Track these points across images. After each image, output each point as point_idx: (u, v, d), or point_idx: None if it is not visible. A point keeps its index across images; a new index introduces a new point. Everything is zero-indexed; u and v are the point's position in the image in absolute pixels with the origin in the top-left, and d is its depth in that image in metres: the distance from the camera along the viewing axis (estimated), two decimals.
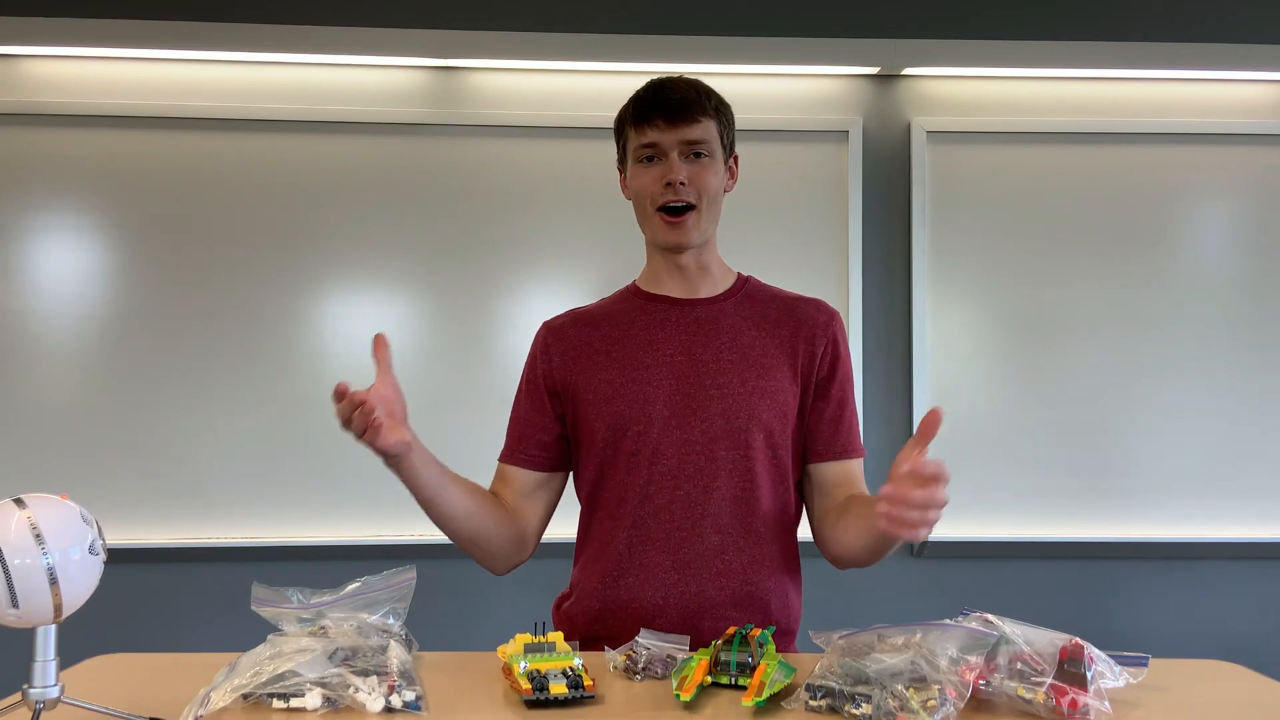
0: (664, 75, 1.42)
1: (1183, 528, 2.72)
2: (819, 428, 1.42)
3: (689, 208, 1.37)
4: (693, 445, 1.37)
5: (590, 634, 1.40)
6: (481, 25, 2.65)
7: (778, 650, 1.17)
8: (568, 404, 1.44)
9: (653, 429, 1.37)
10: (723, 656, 1.08)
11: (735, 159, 1.47)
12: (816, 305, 1.47)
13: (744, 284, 1.48)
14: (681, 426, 1.37)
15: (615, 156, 1.49)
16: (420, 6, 2.66)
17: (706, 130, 1.37)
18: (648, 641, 1.17)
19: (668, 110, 1.35)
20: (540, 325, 1.51)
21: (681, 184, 1.35)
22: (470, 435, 2.26)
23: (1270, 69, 2.72)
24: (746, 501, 1.37)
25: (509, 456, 1.47)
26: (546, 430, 1.46)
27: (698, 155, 1.37)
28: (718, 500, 1.36)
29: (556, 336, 1.47)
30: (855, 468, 1.44)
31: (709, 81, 1.44)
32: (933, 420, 1.07)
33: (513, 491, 1.45)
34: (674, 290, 1.45)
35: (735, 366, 1.39)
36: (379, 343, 1.24)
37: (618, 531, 1.39)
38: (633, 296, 1.48)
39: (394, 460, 1.22)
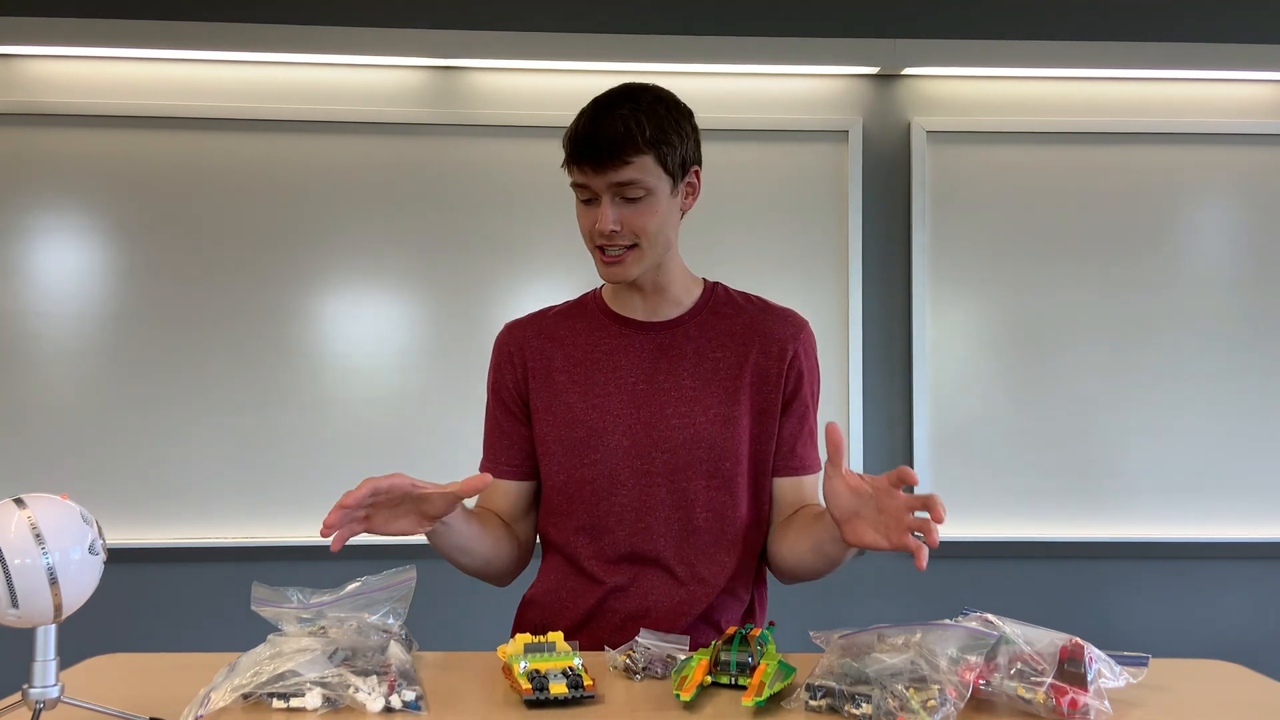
0: (601, 99, 1.29)
1: (1183, 528, 2.72)
2: (779, 442, 1.39)
3: (629, 246, 1.30)
4: (653, 476, 1.34)
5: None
6: (481, 25, 2.65)
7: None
8: (530, 416, 1.42)
9: (612, 458, 1.34)
10: (723, 656, 1.08)
11: (696, 173, 1.35)
12: (785, 317, 1.41)
13: (710, 296, 1.42)
14: (642, 456, 1.34)
15: None
16: (420, 6, 2.65)
17: (639, 169, 1.25)
18: (648, 641, 1.17)
19: (594, 156, 1.25)
20: (503, 327, 1.47)
21: (615, 231, 1.28)
22: (469, 434, 2.26)
23: (1270, 69, 2.72)
24: (706, 531, 1.35)
25: (493, 469, 1.43)
26: (526, 439, 1.43)
27: (630, 199, 1.27)
28: (676, 528, 1.35)
29: (519, 346, 1.43)
30: (809, 483, 1.41)
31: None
32: (835, 437, 1.11)
33: (508, 504, 1.43)
34: (637, 311, 1.40)
35: (697, 394, 1.35)
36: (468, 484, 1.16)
37: (575, 558, 1.38)
38: (598, 311, 1.43)
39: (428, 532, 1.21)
